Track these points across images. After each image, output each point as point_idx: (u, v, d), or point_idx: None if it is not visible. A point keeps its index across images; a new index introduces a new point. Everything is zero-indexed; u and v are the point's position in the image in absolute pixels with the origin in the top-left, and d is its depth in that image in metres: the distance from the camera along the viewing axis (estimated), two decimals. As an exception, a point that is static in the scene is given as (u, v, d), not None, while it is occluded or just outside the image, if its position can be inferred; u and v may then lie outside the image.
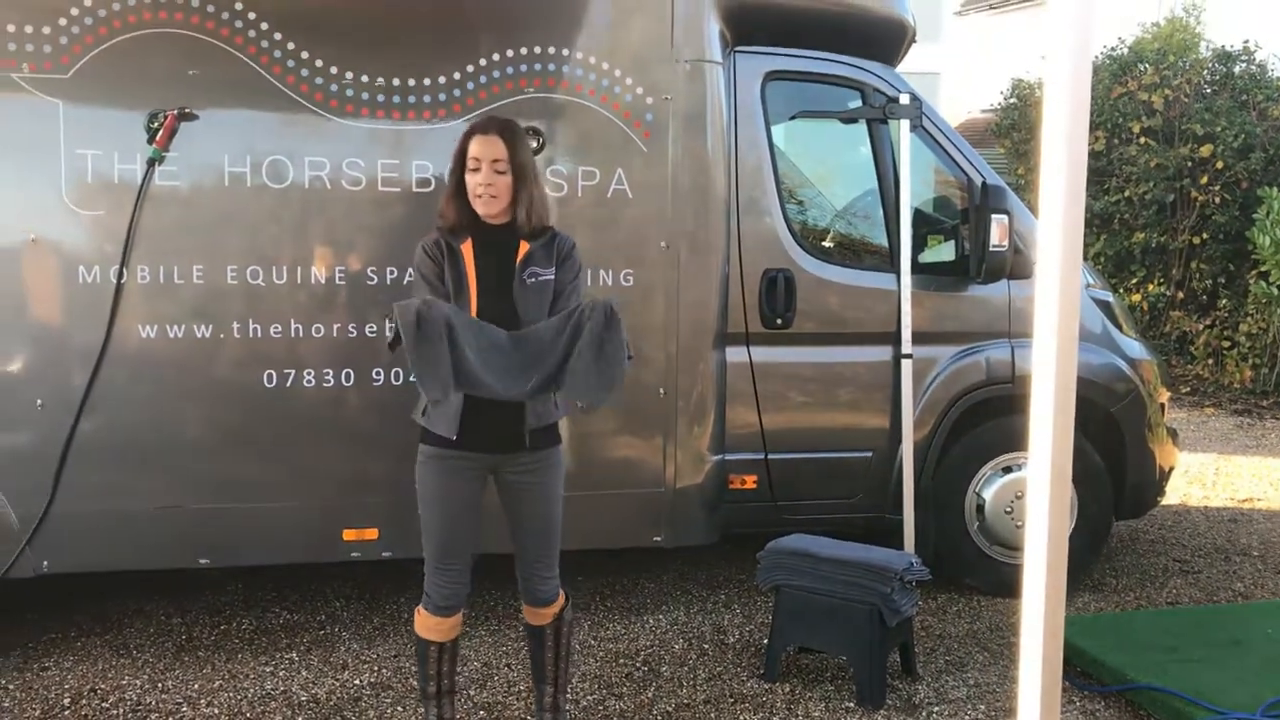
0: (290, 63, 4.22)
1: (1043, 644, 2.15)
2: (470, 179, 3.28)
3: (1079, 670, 4.20)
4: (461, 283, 3.27)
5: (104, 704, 3.94)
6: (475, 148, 3.27)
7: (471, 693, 4.05)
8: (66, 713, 3.87)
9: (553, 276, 3.35)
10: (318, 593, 5.12)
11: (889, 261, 5.01)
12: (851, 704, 3.99)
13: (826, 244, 5.30)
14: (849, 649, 4.05)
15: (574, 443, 4.53)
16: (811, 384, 4.95)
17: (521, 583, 3.50)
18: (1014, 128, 13.40)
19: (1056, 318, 2.08)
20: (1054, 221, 2.09)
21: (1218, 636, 4.31)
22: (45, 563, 4.20)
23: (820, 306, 4.91)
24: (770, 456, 4.87)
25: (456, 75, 4.36)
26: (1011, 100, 13.73)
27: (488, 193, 3.26)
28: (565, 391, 3.15)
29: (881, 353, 4.96)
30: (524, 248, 3.32)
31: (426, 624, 3.37)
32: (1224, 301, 12.11)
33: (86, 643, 4.52)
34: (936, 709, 3.97)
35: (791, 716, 3.89)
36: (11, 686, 4.08)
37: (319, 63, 4.24)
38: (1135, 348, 5.40)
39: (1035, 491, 2.14)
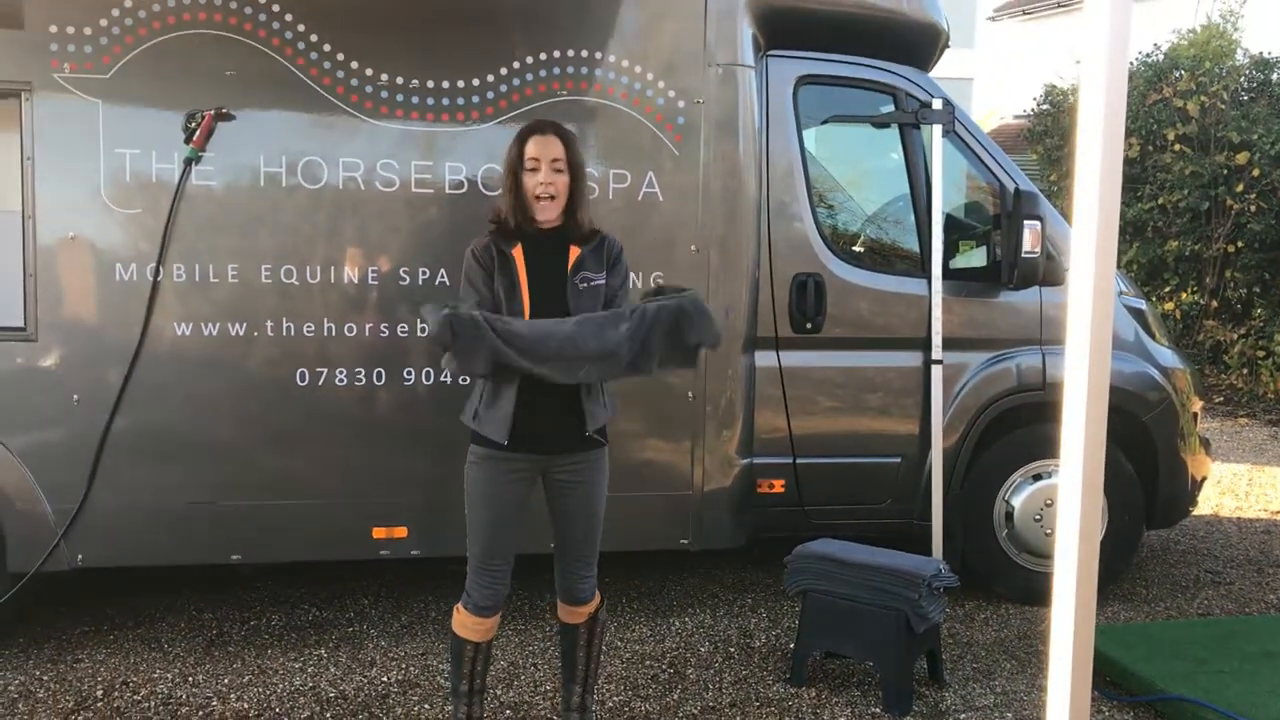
0: (326, 64, 4.27)
1: (1073, 653, 2.15)
2: (529, 180, 3.27)
3: (1108, 679, 4.17)
4: (514, 288, 3.26)
5: (135, 696, 3.99)
6: (534, 148, 3.27)
7: (498, 692, 4.07)
8: (99, 704, 3.92)
9: (603, 281, 3.36)
10: (346, 590, 5.16)
11: (920, 267, 4.99)
12: (878, 710, 3.98)
13: (857, 248, 5.29)
14: (876, 655, 4.04)
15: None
16: (841, 389, 4.94)
17: (560, 581, 3.52)
18: (1047, 134, 13.32)
19: (1090, 325, 2.08)
20: (1088, 228, 2.08)
21: (1249, 649, 4.27)
22: (80, 556, 4.25)
23: (850, 311, 4.90)
24: (799, 461, 4.86)
25: (490, 78, 4.39)
26: (1045, 106, 13.66)
27: (547, 192, 3.26)
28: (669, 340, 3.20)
29: (912, 358, 4.95)
30: (574, 253, 3.32)
31: (465, 623, 3.38)
32: (1259, 311, 11.98)
33: (119, 636, 4.57)
34: (963, 716, 3.95)
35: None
36: (46, 677, 4.13)
37: (354, 64, 4.28)
38: (1168, 356, 5.36)
39: (1067, 500, 2.13)
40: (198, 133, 4.18)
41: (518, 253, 3.29)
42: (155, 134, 4.19)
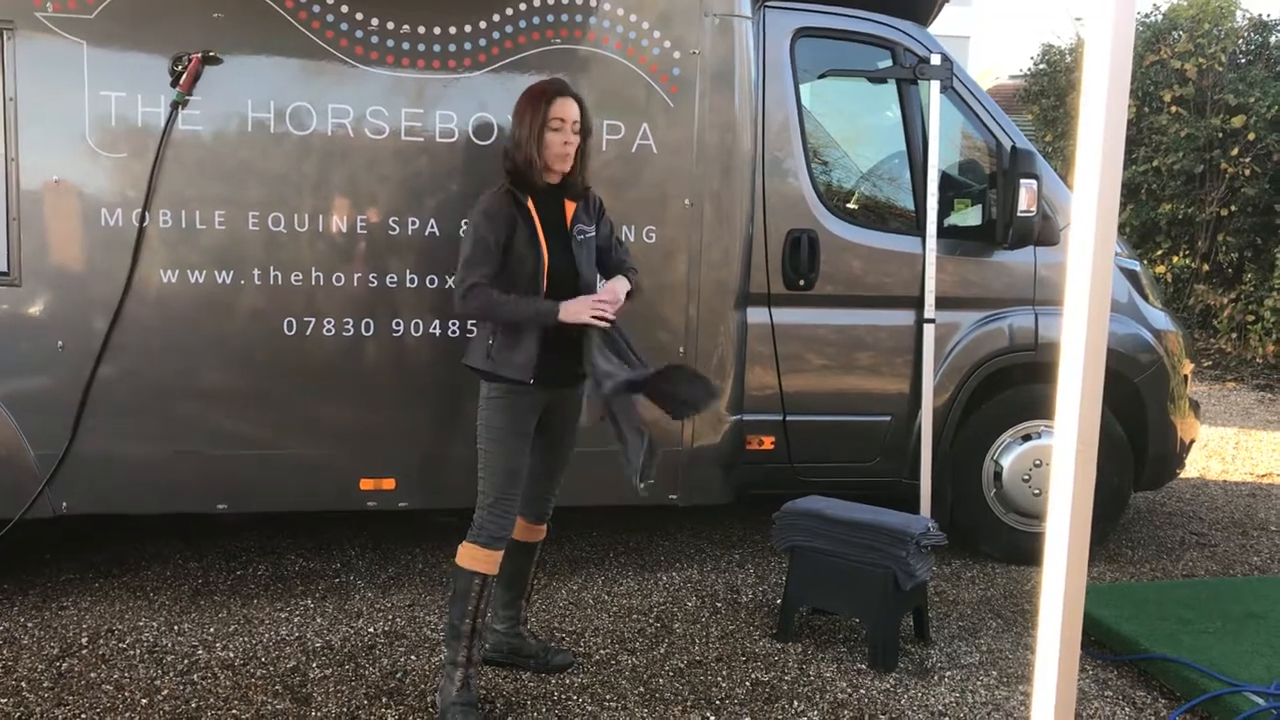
0: (316, 8, 4.19)
1: (1063, 612, 2.14)
2: (554, 138, 3.47)
3: (1093, 639, 4.19)
4: (534, 238, 3.47)
5: (121, 644, 3.98)
6: (559, 109, 3.48)
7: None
8: (84, 651, 3.91)
9: (594, 233, 3.66)
10: (333, 541, 5.15)
11: (915, 225, 4.95)
12: (863, 666, 3.99)
13: (852, 205, 5.25)
14: (862, 611, 4.05)
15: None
16: (832, 347, 4.92)
17: (534, 505, 3.78)
18: (1043, 94, 13.25)
19: (1089, 287, 2.05)
20: (1089, 189, 2.05)
21: (1233, 609, 4.29)
22: (64, 503, 4.22)
23: (843, 269, 4.86)
24: (789, 418, 4.85)
25: (482, 24, 4.31)
26: (1041, 66, 13.56)
27: (567, 151, 3.50)
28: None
29: (904, 317, 4.92)
30: (570, 207, 3.58)
31: (477, 557, 3.50)
32: (1249, 275, 11.99)
33: (104, 584, 4.56)
34: (948, 674, 3.97)
35: (803, 676, 3.89)
36: (30, 624, 4.12)
37: (344, 8, 4.20)
38: (1161, 318, 5.34)
39: (1061, 460, 2.11)
40: (184, 76, 4.11)
41: (531, 205, 3.49)
42: (141, 77, 4.11)
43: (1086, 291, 2.04)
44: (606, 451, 4.52)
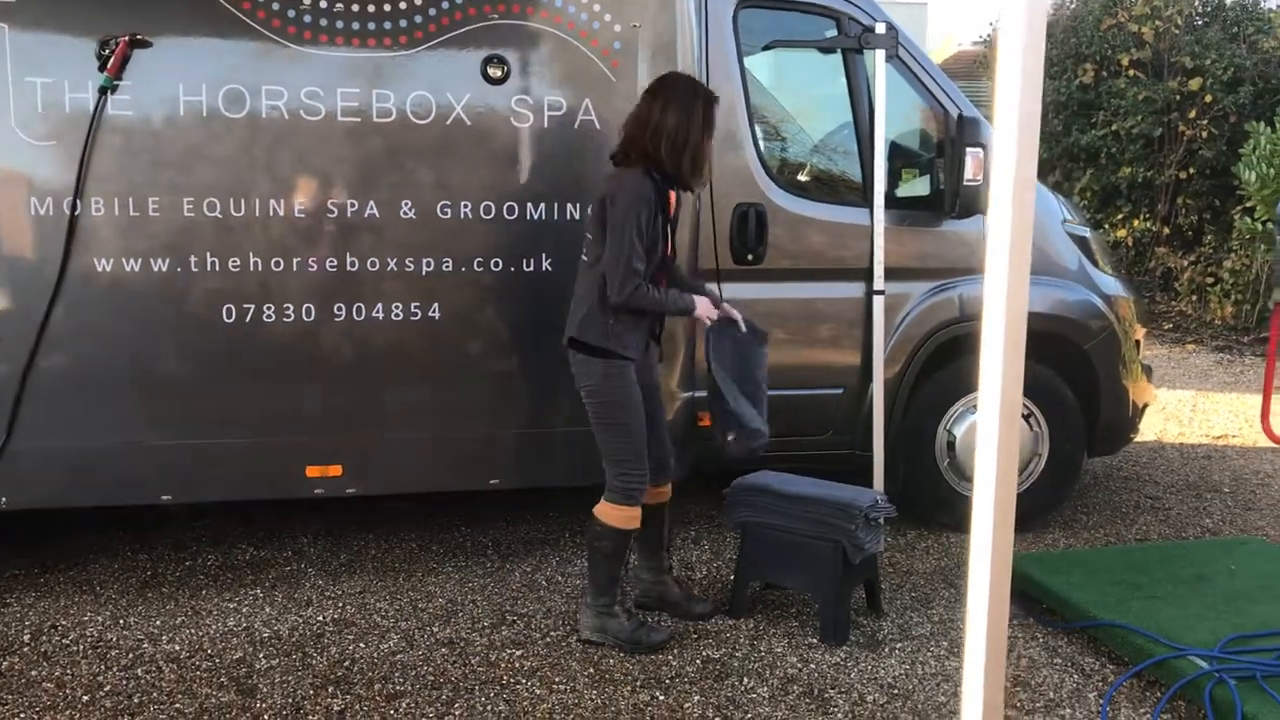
0: (245, -13, 4.09)
1: (990, 574, 2.12)
2: (710, 145, 3.85)
3: (1044, 607, 4.21)
4: (663, 228, 3.79)
5: (64, 640, 3.93)
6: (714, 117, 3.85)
7: (434, 629, 4.05)
8: (26, 649, 3.86)
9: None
10: (285, 529, 5.10)
11: (863, 196, 4.92)
12: (815, 640, 3.99)
13: (800, 178, 5.21)
14: (813, 586, 4.05)
15: (539, 380, 4.50)
16: (782, 321, 4.87)
17: (658, 464, 4.02)
18: (1002, 60, 13.18)
19: (1008, 252, 2.03)
20: (1008, 153, 2.02)
21: (1182, 572, 4.32)
22: (3, 499, 4.15)
23: (792, 242, 4.83)
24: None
25: (418, 1, 4.23)
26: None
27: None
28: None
29: (854, 289, 4.90)
30: (673, 196, 3.86)
31: (628, 515, 3.84)
32: (1209, 238, 12.06)
33: (50, 579, 4.50)
34: (899, 645, 3.97)
35: (754, 652, 3.89)
36: (-28, 623, 4.06)
37: (275, -13, 4.12)
38: (1111, 284, 5.35)
39: (985, 426, 2.09)
40: (112, 60, 4.01)
41: (665, 194, 3.80)
42: (68, 62, 4.00)
43: (1006, 262, 2.02)
44: (553, 433, 4.54)
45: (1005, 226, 2.03)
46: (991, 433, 2.09)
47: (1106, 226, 12.42)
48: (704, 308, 3.91)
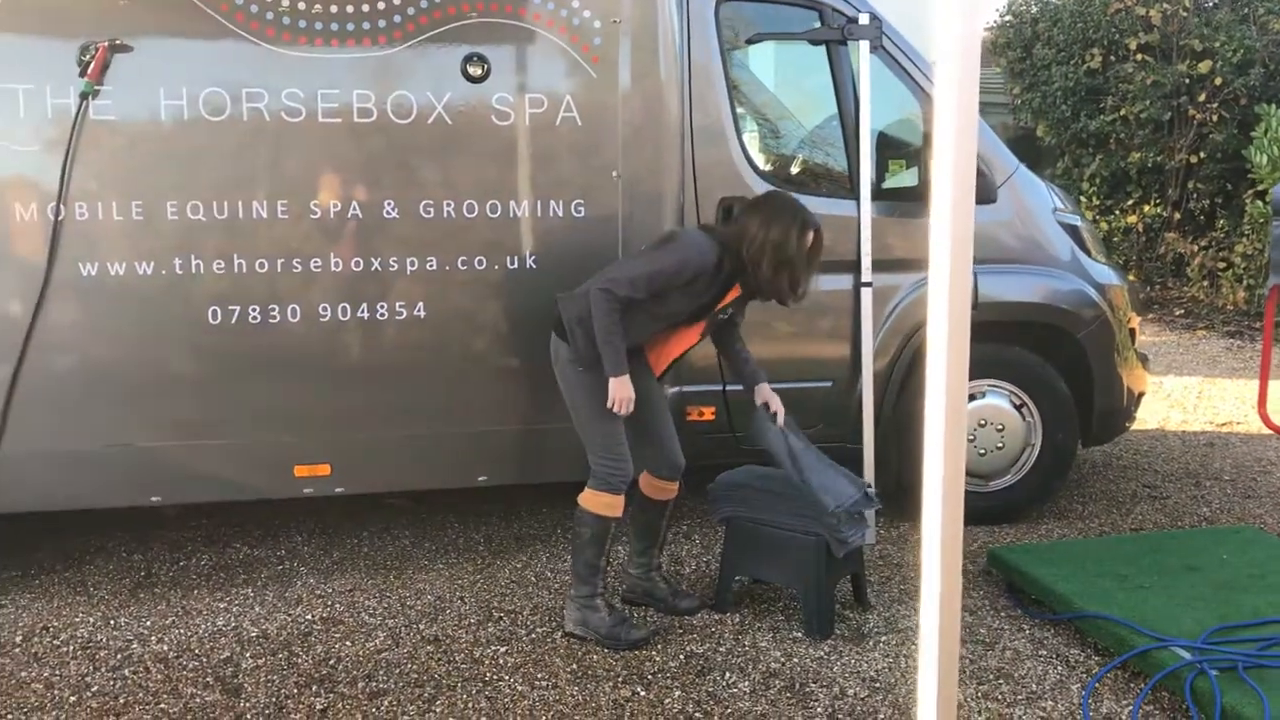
0: (224, -10, 4.11)
1: (941, 560, 2.11)
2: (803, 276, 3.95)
3: (1032, 598, 4.20)
4: (700, 307, 3.88)
5: (55, 641, 3.97)
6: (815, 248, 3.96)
7: (421, 626, 4.07)
8: (17, 650, 3.90)
9: (729, 317, 4.06)
10: (280, 528, 5.14)
11: (849, 188, 4.90)
12: (799, 634, 3.99)
13: (785, 171, 5.19)
14: (796, 580, 4.05)
15: (529, 377, 4.51)
16: (770, 314, 4.85)
17: (651, 462, 4.13)
18: (1009, 45, 13.11)
19: (949, 243, 2.02)
20: (946, 147, 2.01)
21: (1171, 562, 4.29)
22: (-5, 503, 4.20)
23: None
24: (728, 388, 4.81)
25: (396, 1, 4.24)
26: (1007, 18, 13.42)
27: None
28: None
29: (841, 281, 4.88)
30: (734, 292, 3.92)
31: (607, 502, 3.90)
32: (1221, 222, 11.94)
33: (45, 580, 4.54)
34: (884, 638, 3.97)
35: (738, 647, 3.89)
36: (-34, 625, 4.11)
37: (253, -10, 4.13)
38: (1104, 272, 5.31)
39: (933, 413, 2.08)
40: (92, 65, 4.04)
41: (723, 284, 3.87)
42: (48, 68, 4.03)
43: (948, 241, 2.01)
44: (544, 430, 4.55)
45: (945, 220, 2.02)
46: (938, 426, 2.08)
47: (1117, 212, 12.31)
48: (617, 388, 3.77)
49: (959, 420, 2.10)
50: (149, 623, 4.13)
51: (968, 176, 2.02)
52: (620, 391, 3.76)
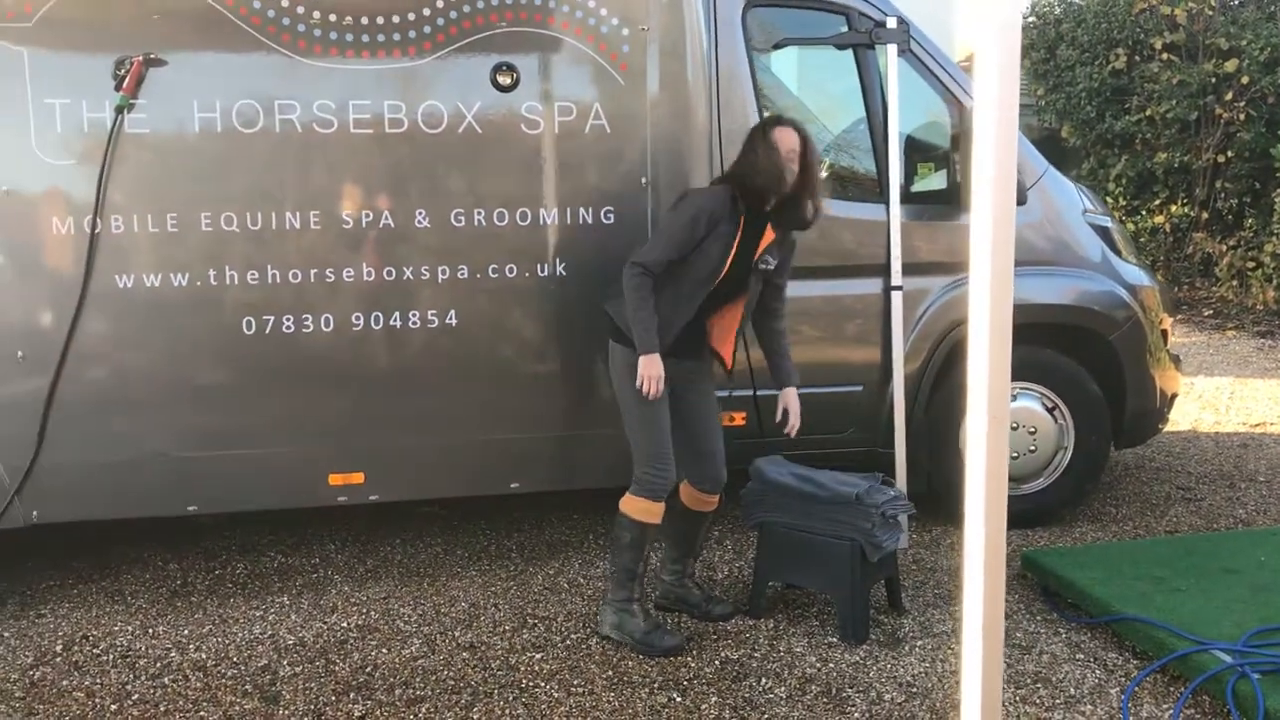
0: (256, 3, 4.14)
1: (984, 573, 2.11)
2: (790, 167, 3.78)
3: (1068, 602, 4.17)
4: (726, 251, 3.78)
5: (95, 650, 4.00)
6: (786, 139, 3.80)
7: (456, 633, 4.08)
8: (58, 659, 3.94)
9: (774, 267, 3.95)
10: (313, 536, 5.17)
11: (878, 192, 4.90)
12: (835, 639, 3.98)
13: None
14: (831, 585, 4.04)
15: (560, 384, 4.53)
16: (800, 318, 4.85)
17: (693, 473, 4.11)
18: (1032, 47, 13.07)
19: (990, 247, 2.03)
20: (987, 153, 2.01)
21: (1209, 565, 4.26)
22: (35, 513, 4.24)
23: (808, 239, 4.80)
24: (759, 393, 4.81)
25: (426, 11, 4.26)
26: (1030, 19, 13.39)
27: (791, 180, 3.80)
28: None
29: (872, 285, 4.88)
30: (769, 236, 3.86)
31: (645, 508, 3.89)
32: (1250, 221, 11.86)
33: (83, 590, 4.59)
34: (920, 643, 3.96)
35: (773, 652, 3.89)
36: (7, 634, 4.15)
37: (284, 2, 4.16)
38: (1135, 273, 5.28)
39: (975, 425, 2.09)
40: (127, 79, 4.08)
41: (742, 221, 3.81)
42: (85, 82, 4.08)
43: (989, 245, 2.02)
44: (575, 435, 4.56)
45: (986, 223, 2.03)
46: (980, 432, 2.09)
47: (1144, 213, 12.25)
48: (645, 365, 3.74)
49: (1001, 424, 2.10)
50: (187, 631, 4.16)
51: (1008, 181, 2.03)
52: (649, 369, 3.74)
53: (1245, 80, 11.45)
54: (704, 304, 3.87)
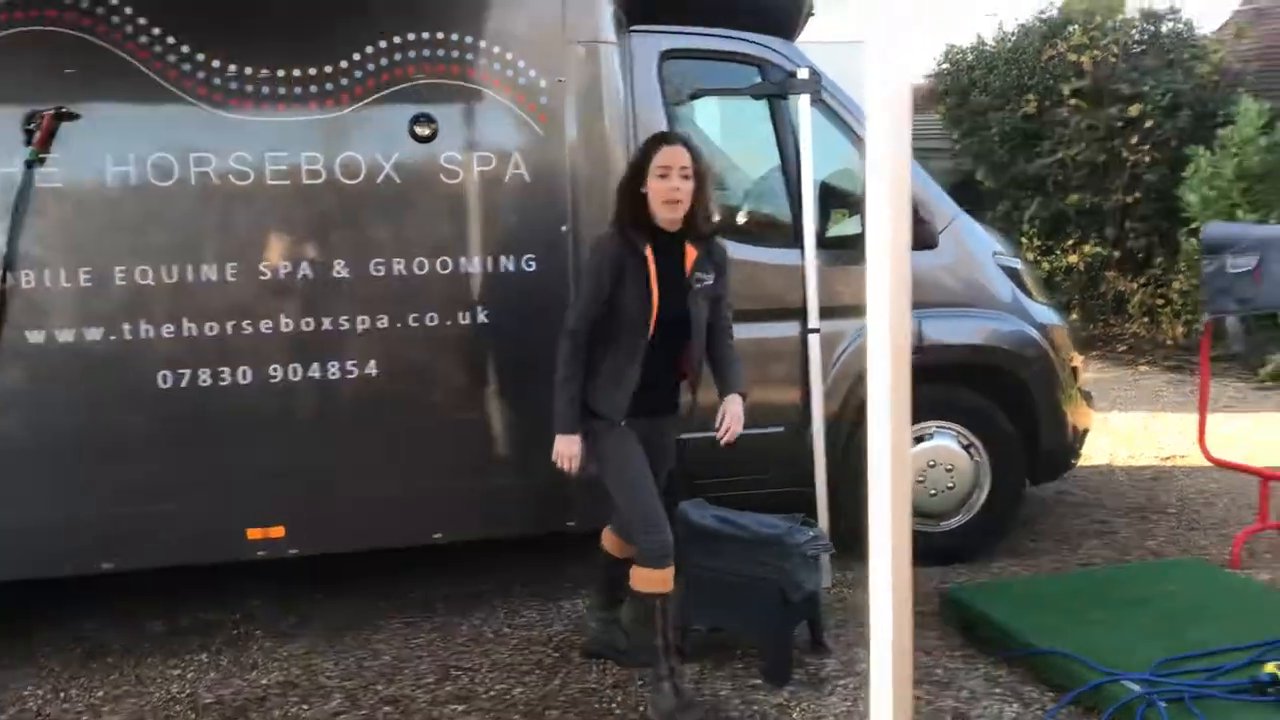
0: (170, 57, 4.15)
1: (893, 614, 2.14)
2: (661, 185, 3.64)
3: (986, 636, 4.24)
4: (646, 286, 3.66)
5: (2, 716, 3.89)
6: (664, 156, 3.65)
7: (379, 687, 4.04)
8: (-36, 727, 3.83)
9: (712, 281, 3.82)
10: (234, 589, 5.08)
11: (794, 237, 4.99)
12: (758, 681, 4.01)
13: (731, 222, 5.28)
14: (753, 627, 4.07)
15: (482, 433, 4.53)
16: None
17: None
18: (947, 93, 13.44)
19: (889, 283, 2.09)
20: (881, 194, 2.07)
21: (1120, 596, 4.37)
22: (-60, 575, 4.13)
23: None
24: (682, 436, 4.84)
25: (343, 64, 4.29)
26: (944, 66, 13.76)
27: (676, 198, 3.65)
28: None
29: (789, 328, 4.96)
30: (691, 254, 3.75)
31: (648, 577, 3.70)
32: (1158, 260, 12.23)
33: (-7, 653, 4.46)
34: (842, 682, 4.00)
35: (698, 696, 3.90)
36: (-89, 702, 4.03)
37: (200, 56, 4.17)
38: (1045, 313, 5.43)
39: (877, 453, 2.12)
40: (38, 134, 4.05)
41: (649, 252, 3.68)
42: (-6, 137, 4.05)
43: (888, 281, 2.07)
44: (498, 485, 4.56)
45: (884, 264, 2.09)
46: (883, 465, 2.13)
47: (1058, 252, 12.58)
48: (561, 445, 3.74)
49: (903, 457, 2.15)
50: (101, 693, 4.07)
51: (902, 215, 2.09)
52: (561, 447, 3.73)
53: (1149, 124, 11.86)
54: (660, 347, 3.76)
